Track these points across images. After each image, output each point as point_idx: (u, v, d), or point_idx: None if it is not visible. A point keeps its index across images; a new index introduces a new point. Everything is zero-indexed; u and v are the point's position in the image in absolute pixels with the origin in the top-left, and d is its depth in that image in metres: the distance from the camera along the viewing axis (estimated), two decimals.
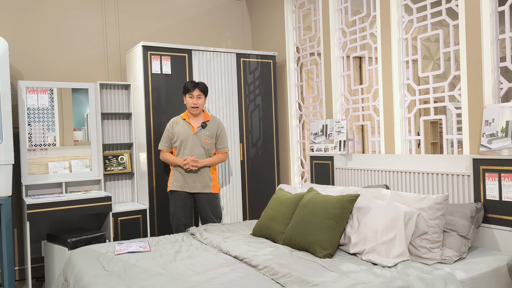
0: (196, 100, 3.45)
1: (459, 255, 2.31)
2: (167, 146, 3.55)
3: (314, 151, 3.83)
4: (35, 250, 3.81)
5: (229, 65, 4.18)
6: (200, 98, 3.47)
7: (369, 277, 2.02)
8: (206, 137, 3.51)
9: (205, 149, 3.51)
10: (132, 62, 4.04)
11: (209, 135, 3.53)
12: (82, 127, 3.98)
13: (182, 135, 3.47)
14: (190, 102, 3.46)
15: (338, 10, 3.85)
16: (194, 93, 3.45)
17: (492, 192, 2.46)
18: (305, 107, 4.42)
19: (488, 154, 2.48)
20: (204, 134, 3.51)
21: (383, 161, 3.24)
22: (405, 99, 3.26)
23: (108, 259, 2.49)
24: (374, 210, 2.45)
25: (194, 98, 3.45)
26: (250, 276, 2.12)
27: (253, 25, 5.10)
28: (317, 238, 2.42)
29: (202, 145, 3.50)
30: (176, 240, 2.93)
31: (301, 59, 4.44)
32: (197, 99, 3.45)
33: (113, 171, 4.06)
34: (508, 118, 2.42)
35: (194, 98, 3.45)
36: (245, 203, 4.24)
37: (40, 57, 3.97)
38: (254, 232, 2.94)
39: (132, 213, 3.73)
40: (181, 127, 3.50)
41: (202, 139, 3.49)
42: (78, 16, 4.15)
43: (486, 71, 2.63)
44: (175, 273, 2.21)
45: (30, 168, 3.70)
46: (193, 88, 3.44)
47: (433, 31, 3.07)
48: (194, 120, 3.53)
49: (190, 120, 3.52)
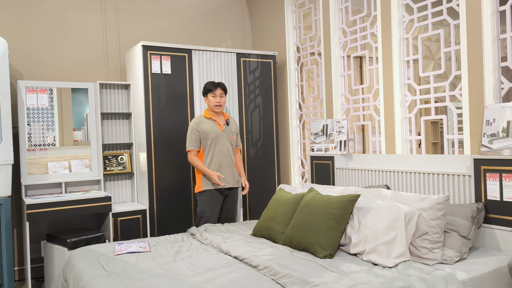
0: (219, 98, 3.56)
1: (460, 255, 2.30)
2: (196, 146, 3.56)
3: (315, 151, 3.82)
4: (35, 250, 3.80)
5: (229, 65, 4.17)
6: (222, 96, 3.59)
7: (370, 278, 2.01)
8: (232, 134, 3.68)
9: (232, 145, 3.66)
10: (132, 62, 4.03)
11: (233, 132, 3.70)
12: (82, 127, 3.98)
13: (212, 133, 3.55)
14: (213, 101, 3.55)
15: (339, 10, 3.84)
16: (217, 92, 3.56)
17: (493, 192, 2.45)
18: (306, 107, 4.41)
19: (489, 154, 2.47)
20: (230, 131, 3.66)
21: (384, 161, 3.23)
22: (405, 99, 3.25)
23: (108, 259, 2.48)
24: (375, 210, 2.44)
25: (217, 96, 3.55)
26: (250, 276, 2.11)
27: (253, 25, 5.10)
28: (318, 238, 2.41)
29: (230, 142, 3.63)
30: (176, 240, 2.93)
31: (301, 59, 4.43)
32: (220, 97, 3.56)
33: (113, 171, 4.06)
34: (509, 118, 2.41)
35: (217, 97, 3.55)
36: (245, 203, 4.23)
37: (40, 57, 3.97)
38: (254, 232, 2.94)
39: (132, 213, 3.72)
40: (208, 126, 3.56)
41: (229, 136, 3.64)
42: (77, 16, 4.14)
43: (487, 71, 2.63)
44: (175, 273, 2.21)
45: (29, 168, 3.70)
46: (215, 87, 3.55)
47: (434, 30, 3.06)
48: (218, 119, 3.63)
49: (215, 118, 3.61)
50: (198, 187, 3.58)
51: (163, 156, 3.83)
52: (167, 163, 3.84)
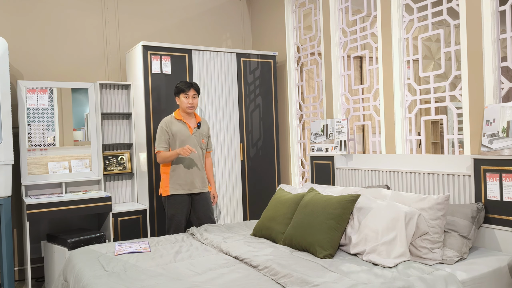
0: (191, 100, 3.44)
1: (460, 255, 2.30)
2: (165, 147, 3.43)
3: (315, 151, 3.82)
4: (35, 250, 3.80)
5: (229, 65, 4.17)
6: (195, 98, 3.47)
7: (370, 278, 2.01)
8: (203, 137, 3.55)
9: (202, 149, 3.54)
10: (132, 62, 4.03)
11: (204, 135, 3.57)
12: (82, 127, 3.98)
13: (182, 136, 3.44)
14: (185, 102, 3.43)
15: (339, 10, 3.84)
16: (189, 93, 3.44)
17: (493, 192, 2.45)
18: (306, 107, 4.41)
19: (489, 154, 2.47)
20: (201, 134, 3.54)
21: (384, 161, 3.23)
22: (405, 99, 3.25)
23: (108, 259, 2.48)
24: (375, 210, 2.44)
25: (190, 98, 3.44)
26: (250, 276, 2.11)
27: (253, 25, 5.10)
28: (318, 238, 2.41)
29: (200, 145, 3.52)
30: (176, 240, 2.93)
31: (301, 59, 4.43)
32: (192, 99, 3.45)
33: (113, 171, 4.06)
34: (509, 118, 2.41)
35: (189, 98, 3.44)
36: (245, 203, 4.23)
37: (40, 57, 3.97)
38: (254, 233, 2.94)
39: (132, 213, 3.72)
40: (178, 128, 3.45)
41: (200, 139, 3.52)
42: (78, 16, 4.14)
43: (487, 71, 2.63)
44: (175, 273, 2.21)
45: (29, 168, 3.70)
46: (188, 88, 3.43)
47: (434, 30, 3.06)
48: (189, 121, 3.52)
49: (186, 120, 3.50)
50: (164, 191, 3.44)
51: None
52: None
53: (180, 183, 3.43)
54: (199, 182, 3.49)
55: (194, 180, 3.47)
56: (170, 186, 3.43)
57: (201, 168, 3.52)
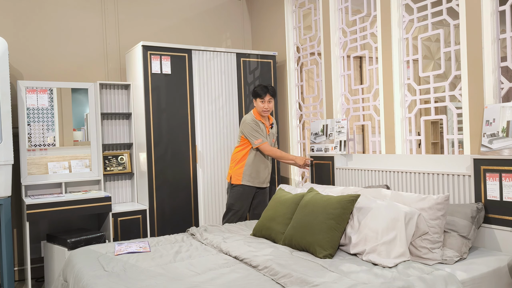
0: (267, 104, 3.62)
1: (459, 255, 2.30)
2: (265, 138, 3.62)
3: (315, 151, 3.82)
4: (35, 251, 3.80)
5: (229, 65, 4.17)
6: (271, 102, 3.64)
7: (370, 278, 2.01)
8: (273, 137, 3.81)
9: None
10: (132, 62, 4.03)
11: (274, 135, 3.84)
12: (82, 127, 3.98)
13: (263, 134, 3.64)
14: (261, 107, 3.62)
15: (339, 10, 3.84)
16: (265, 98, 3.60)
17: (492, 192, 2.45)
18: (305, 107, 4.41)
19: (489, 154, 2.47)
20: (272, 133, 3.79)
21: (384, 161, 3.23)
22: (405, 99, 3.25)
23: (108, 259, 2.48)
24: (375, 210, 2.44)
25: (265, 102, 3.61)
26: (250, 276, 2.11)
27: (253, 25, 5.10)
28: (318, 238, 2.41)
29: (271, 144, 3.77)
30: (176, 240, 2.93)
31: (301, 59, 4.43)
32: (268, 103, 3.62)
33: (113, 171, 4.06)
34: (509, 118, 2.41)
35: (265, 102, 3.61)
36: None
37: (40, 57, 3.97)
38: (254, 233, 2.94)
39: (132, 213, 3.72)
40: (261, 127, 3.65)
41: (271, 138, 3.78)
42: (77, 16, 4.14)
43: (487, 70, 2.63)
44: (175, 273, 2.21)
45: (29, 168, 3.70)
46: (264, 93, 3.60)
47: (433, 30, 3.06)
48: (265, 121, 3.73)
49: (263, 121, 3.69)
50: (236, 179, 3.62)
51: (163, 156, 3.83)
52: (167, 163, 3.84)
53: (253, 176, 3.62)
54: (267, 178, 3.74)
55: (265, 176, 3.69)
56: (243, 177, 3.61)
57: (270, 166, 3.75)
